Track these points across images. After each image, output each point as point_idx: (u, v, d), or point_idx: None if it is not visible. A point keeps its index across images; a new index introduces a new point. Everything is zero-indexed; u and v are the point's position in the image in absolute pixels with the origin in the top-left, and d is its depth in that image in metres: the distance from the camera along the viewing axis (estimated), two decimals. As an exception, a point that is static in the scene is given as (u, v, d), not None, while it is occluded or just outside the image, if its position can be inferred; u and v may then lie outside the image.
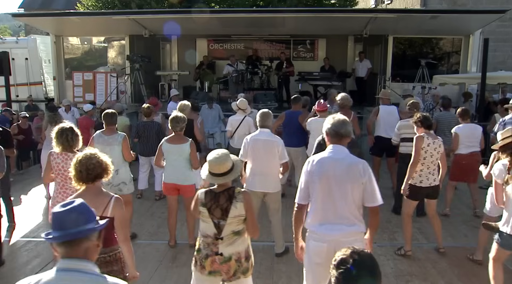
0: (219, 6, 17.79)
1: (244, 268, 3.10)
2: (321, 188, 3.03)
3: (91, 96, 12.28)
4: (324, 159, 3.08)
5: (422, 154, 4.91)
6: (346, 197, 3.01)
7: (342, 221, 3.02)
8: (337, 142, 3.12)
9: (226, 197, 3.05)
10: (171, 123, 5.21)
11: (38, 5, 27.30)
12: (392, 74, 12.35)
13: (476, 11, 12.27)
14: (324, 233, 3.01)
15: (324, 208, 3.04)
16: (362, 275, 1.67)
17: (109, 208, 2.98)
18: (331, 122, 3.16)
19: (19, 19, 16.90)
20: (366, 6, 22.92)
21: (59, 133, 4.18)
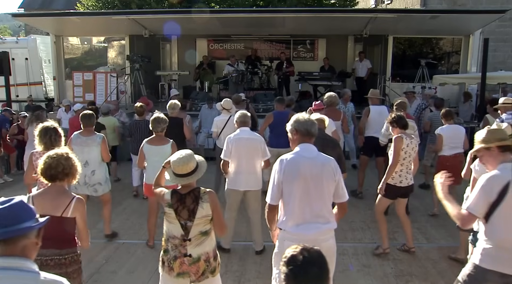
0: (219, 6, 17.80)
1: (213, 268, 3.11)
2: (298, 188, 3.05)
3: (91, 96, 12.27)
4: (297, 159, 3.10)
5: (402, 154, 4.90)
6: (322, 196, 3.07)
7: (318, 220, 3.08)
8: (307, 141, 3.16)
9: (192, 198, 3.04)
10: (152, 124, 5.22)
11: (38, 5, 27.30)
12: (392, 74, 12.35)
13: (476, 11, 12.27)
14: (302, 233, 3.03)
15: (301, 207, 3.06)
16: (311, 271, 1.69)
17: (70, 209, 2.98)
18: (301, 121, 3.19)
19: (19, 19, 16.89)
20: (366, 6, 22.93)
21: (43, 133, 4.18)
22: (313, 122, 3.21)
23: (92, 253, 5.02)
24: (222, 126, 7.04)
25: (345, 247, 5.31)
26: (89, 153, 5.37)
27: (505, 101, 6.60)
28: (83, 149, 5.36)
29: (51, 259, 2.99)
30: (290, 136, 3.26)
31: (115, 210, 6.59)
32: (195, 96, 11.64)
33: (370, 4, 23.18)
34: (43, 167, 3.00)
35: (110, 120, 8.22)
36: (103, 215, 5.67)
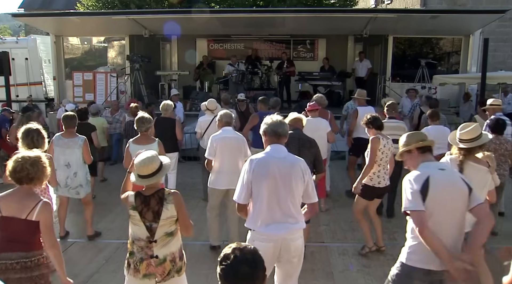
0: (219, 6, 17.80)
1: (178, 267, 3.13)
2: (267, 188, 3.09)
3: (91, 96, 12.28)
4: (267, 159, 3.16)
5: (379, 155, 4.92)
6: (291, 196, 3.11)
7: (287, 220, 3.11)
8: (276, 141, 3.21)
9: (156, 199, 3.04)
10: (137, 124, 5.25)
11: (38, 5, 27.30)
12: (392, 74, 12.35)
13: (476, 11, 12.27)
14: (271, 233, 3.06)
15: (270, 207, 3.09)
16: (241, 270, 1.68)
17: (35, 212, 2.94)
18: (269, 123, 3.24)
19: (19, 19, 16.89)
20: (366, 6, 22.94)
21: (25, 134, 4.20)
22: (282, 123, 3.24)
23: (92, 253, 5.03)
24: (205, 127, 7.04)
25: (345, 247, 5.32)
26: (70, 154, 5.38)
27: (493, 102, 6.56)
28: (65, 150, 5.38)
29: (17, 262, 2.94)
30: (263, 137, 3.32)
31: (114, 210, 6.60)
32: (195, 96, 11.64)
33: (370, 4, 23.19)
34: (10, 170, 2.98)
35: (99, 121, 8.27)
36: (85, 217, 5.67)
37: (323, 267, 4.88)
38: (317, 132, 6.36)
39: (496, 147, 5.31)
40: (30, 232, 2.97)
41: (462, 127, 3.66)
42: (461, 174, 2.98)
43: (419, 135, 3.09)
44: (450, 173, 2.91)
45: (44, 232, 2.98)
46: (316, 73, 12.60)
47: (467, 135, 3.62)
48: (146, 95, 11.83)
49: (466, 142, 3.62)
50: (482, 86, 9.73)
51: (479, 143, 3.60)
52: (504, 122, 5.63)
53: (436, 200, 2.73)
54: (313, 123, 6.43)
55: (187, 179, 8.04)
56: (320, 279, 4.61)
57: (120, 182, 3.43)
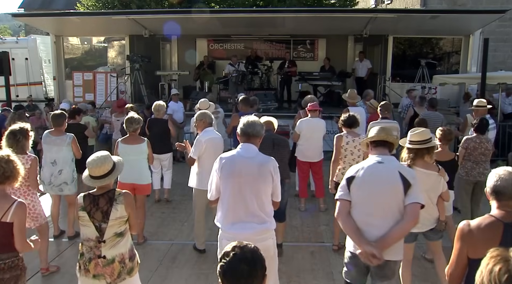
0: (219, 6, 17.79)
1: (129, 268, 3.12)
2: (232, 187, 3.11)
3: (91, 96, 12.28)
4: (234, 157, 3.19)
5: (342, 152, 5.14)
6: (257, 195, 3.12)
7: (253, 219, 3.12)
8: (247, 141, 3.24)
9: (106, 199, 3.05)
10: (125, 124, 5.34)
11: (38, 5, 27.29)
12: (392, 74, 12.35)
13: (476, 11, 12.27)
14: (236, 232, 3.07)
15: (236, 206, 3.11)
16: (240, 268, 1.69)
17: (9, 213, 2.90)
18: (242, 123, 3.28)
19: (19, 19, 16.89)
20: (366, 6, 22.93)
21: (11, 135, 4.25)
22: (253, 124, 3.26)
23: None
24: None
25: (345, 247, 5.32)
26: (57, 152, 5.40)
27: (478, 104, 6.56)
28: (52, 148, 5.40)
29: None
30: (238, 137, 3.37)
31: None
32: (195, 96, 11.63)
33: (370, 4, 23.18)
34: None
35: (88, 119, 8.29)
36: (68, 217, 5.61)
37: (323, 267, 4.87)
38: (315, 133, 6.38)
39: (476, 145, 5.52)
40: (4, 234, 2.91)
41: (413, 130, 3.81)
42: (404, 169, 3.01)
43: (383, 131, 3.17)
44: (386, 167, 2.95)
45: (16, 234, 2.93)
46: (316, 73, 12.60)
47: (416, 137, 3.73)
48: (146, 96, 11.82)
49: (414, 143, 3.74)
50: (482, 86, 9.72)
51: (427, 145, 3.72)
52: (487, 123, 5.82)
53: (359, 192, 2.90)
54: (313, 124, 6.44)
55: (184, 179, 8.01)
56: (320, 279, 4.61)
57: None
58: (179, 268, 4.85)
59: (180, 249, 5.35)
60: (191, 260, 5.07)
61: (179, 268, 4.85)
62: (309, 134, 6.39)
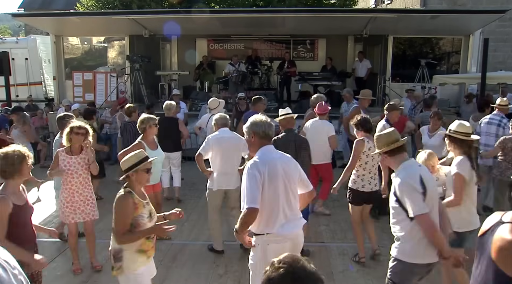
0: (219, 6, 17.79)
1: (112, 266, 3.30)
2: (279, 189, 3.05)
3: (91, 96, 12.28)
4: (274, 160, 3.10)
5: (363, 158, 4.79)
6: (296, 193, 3.17)
7: (296, 217, 3.17)
8: (268, 143, 3.18)
9: None
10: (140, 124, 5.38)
11: (38, 5, 27.28)
12: (392, 74, 12.35)
13: (476, 11, 12.27)
14: (288, 232, 3.06)
15: (283, 208, 3.07)
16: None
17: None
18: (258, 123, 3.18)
19: (19, 19, 16.90)
20: (366, 6, 22.93)
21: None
22: (270, 125, 3.21)
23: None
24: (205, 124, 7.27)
25: (345, 247, 5.32)
26: None
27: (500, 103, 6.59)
28: None
29: None
30: (247, 138, 3.23)
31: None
32: (195, 96, 11.64)
33: (370, 4, 23.18)
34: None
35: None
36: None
37: (323, 267, 4.87)
38: (320, 136, 6.29)
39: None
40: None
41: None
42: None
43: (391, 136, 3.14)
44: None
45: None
46: (316, 73, 12.60)
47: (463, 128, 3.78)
48: (146, 96, 11.82)
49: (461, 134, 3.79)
50: (482, 86, 9.73)
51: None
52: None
53: (431, 197, 2.94)
54: (319, 125, 6.34)
55: (187, 179, 8.04)
56: (320, 279, 4.60)
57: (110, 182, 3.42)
58: (179, 268, 4.85)
59: (180, 249, 5.35)
60: (191, 260, 5.07)
61: (179, 268, 4.85)
62: (314, 136, 6.28)
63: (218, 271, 4.78)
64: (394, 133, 3.18)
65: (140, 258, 3.17)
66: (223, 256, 5.13)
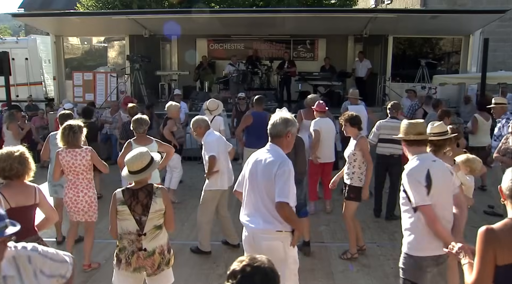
0: (219, 6, 17.80)
1: (167, 260, 3.24)
2: (248, 184, 3.21)
3: (91, 96, 12.29)
4: (253, 157, 3.27)
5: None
6: (262, 195, 3.12)
7: (259, 216, 3.15)
8: (270, 141, 3.24)
9: (145, 193, 3.14)
10: (134, 125, 5.28)
11: (38, 5, 27.30)
12: (392, 74, 12.35)
13: (476, 11, 12.28)
14: (246, 223, 3.22)
15: (248, 202, 3.22)
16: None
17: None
18: (270, 122, 3.26)
19: (19, 19, 16.89)
20: (366, 6, 22.94)
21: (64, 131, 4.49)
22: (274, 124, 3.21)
23: (92, 253, 5.02)
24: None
25: (345, 247, 5.31)
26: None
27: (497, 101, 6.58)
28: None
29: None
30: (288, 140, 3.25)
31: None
32: (195, 96, 11.64)
33: (370, 4, 23.19)
34: None
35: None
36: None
37: (323, 267, 4.87)
38: (330, 134, 6.29)
39: None
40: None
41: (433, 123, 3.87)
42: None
43: (418, 126, 3.15)
44: (441, 163, 3.11)
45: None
46: (316, 73, 12.60)
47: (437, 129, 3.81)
48: (146, 96, 11.83)
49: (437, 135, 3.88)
50: (482, 86, 9.73)
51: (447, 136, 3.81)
52: None
53: (437, 192, 2.95)
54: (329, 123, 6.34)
55: (186, 179, 8.04)
56: (320, 279, 4.60)
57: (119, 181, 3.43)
58: (179, 268, 4.83)
59: (180, 249, 5.34)
60: (191, 260, 5.07)
61: (179, 268, 4.83)
62: (328, 135, 6.22)
63: (218, 271, 4.77)
64: (421, 127, 3.19)
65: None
66: (223, 256, 5.13)
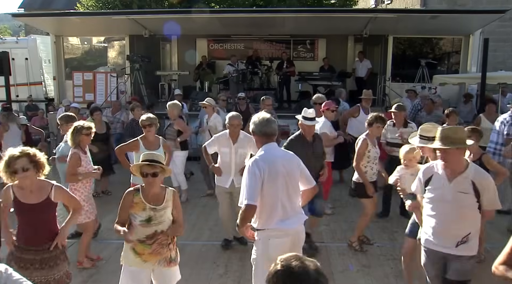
0: (219, 6, 17.80)
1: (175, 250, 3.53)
2: (279, 186, 3.16)
3: (91, 96, 12.28)
4: (274, 158, 3.20)
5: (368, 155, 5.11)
6: (297, 189, 3.27)
7: (297, 213, 3.27)
8: (268, 141, 3.25)
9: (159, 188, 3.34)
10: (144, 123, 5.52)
11: (38, 5, 27.28)
12: (392, 74, 12.34)
13: (476, 11, 12.27)
14: (288, 227, 3.16)
15: (283, 204, 3.17)
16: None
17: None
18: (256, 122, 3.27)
19: (19, 19, 16.88)
20: (366, 6, 22.95)
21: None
22: (268, 122, 3.25)
23: (92, 253, 5.03)
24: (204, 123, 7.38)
25: (345, 247, 5.32)
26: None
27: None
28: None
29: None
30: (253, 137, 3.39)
31: (114, 210, 6.57)
32: (195, 96, 11.63)
33: (370, 4, 23.19)
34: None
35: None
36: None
37: (323, 267, 4.79)
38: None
39: None
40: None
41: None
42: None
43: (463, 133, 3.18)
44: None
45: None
46: (316, 73, 12.59)
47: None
48: (146, 96, 11.82)
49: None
50: (482, 86, 9.72)
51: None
52: None
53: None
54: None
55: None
56: (320, 279, 4.60)
57: (120, 181, 3.46)
58: (179, 268, 4.84)
59: (180, 249, 5.29)
60: (191, 260, 5.07)
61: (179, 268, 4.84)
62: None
63: (218, 271, 4.78)
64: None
65: (132, 256, 3.30)
66: (223, 256, 5.13)
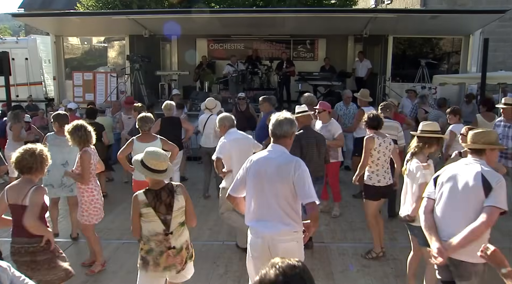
0: (219, 6, 17.80)
1: (191, 253, 3.38)
2: (255, 186, 3.15)
3: (91, 96, 12.28)
4: (260, 158, 3.21)
5: (375, 154, 4.92)
6: (278, 196, 3.08)
7: (275, 219, 3.09)
8: (276, 141, 3.22)
9: (167, 192, 3.21)
10: (139, 123, 5.33)
11: (38, 5, 27.28)
12: (392, 74, 12.34)
13: (476, 11, 12.28)
14: (259, 229, 3.13)
15: (259, 205, 3.14)
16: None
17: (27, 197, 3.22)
18: (271, 122, 3.23)
19: (19, 19, 16.89)
20: (366, 6, 22.95)
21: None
22: (280, 123, 3.18)
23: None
24: (203, 125, 7.26)
25: (345, 247, 5.32)
26: (69, 153, 5.30)
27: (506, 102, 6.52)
28: (63, 149, 5.35)
29: (21, 247, 3.23)
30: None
31: (114, 210, 6.59)
32: (195, 97, 11.64)
33: (370, 4, 23.20)
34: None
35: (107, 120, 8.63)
36: (73, 218, 5.52)
37: (323, 267, 4.87)
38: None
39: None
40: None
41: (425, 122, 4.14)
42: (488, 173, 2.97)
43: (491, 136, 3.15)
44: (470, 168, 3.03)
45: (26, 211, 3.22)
46: (316, 73, 12.59)
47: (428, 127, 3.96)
48: (146, 96, 11.82)
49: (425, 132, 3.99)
50: (482, 86, 9.73)
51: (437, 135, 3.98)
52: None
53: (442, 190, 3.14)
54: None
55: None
56: (320, 279, 4.60)
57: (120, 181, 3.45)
58: (179, 268, 4.85)
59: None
60: (191, 260, 5.06)
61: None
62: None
63: (218, 271, 4.78)
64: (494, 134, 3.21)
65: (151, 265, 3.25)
66: (223, 256, 5.13)
